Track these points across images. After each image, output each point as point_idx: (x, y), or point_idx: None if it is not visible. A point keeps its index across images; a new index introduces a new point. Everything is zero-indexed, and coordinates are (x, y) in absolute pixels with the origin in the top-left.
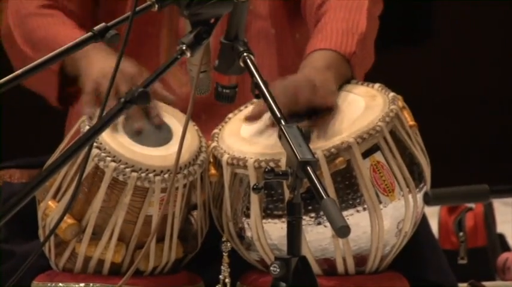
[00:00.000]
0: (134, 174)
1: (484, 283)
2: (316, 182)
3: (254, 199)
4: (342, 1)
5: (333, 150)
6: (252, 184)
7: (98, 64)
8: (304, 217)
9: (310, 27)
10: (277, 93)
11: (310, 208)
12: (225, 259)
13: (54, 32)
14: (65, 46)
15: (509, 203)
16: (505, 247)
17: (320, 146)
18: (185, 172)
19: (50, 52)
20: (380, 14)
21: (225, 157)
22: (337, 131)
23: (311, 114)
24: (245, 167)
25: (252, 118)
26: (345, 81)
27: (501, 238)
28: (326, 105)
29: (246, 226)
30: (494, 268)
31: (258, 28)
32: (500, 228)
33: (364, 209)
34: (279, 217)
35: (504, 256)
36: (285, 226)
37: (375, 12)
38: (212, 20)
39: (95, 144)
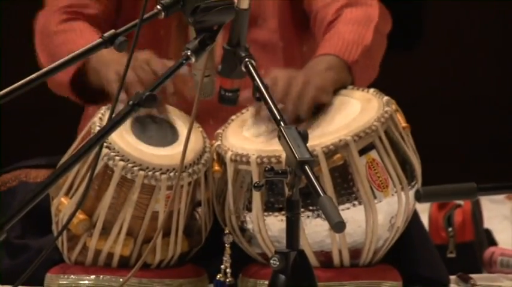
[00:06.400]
0: (142, 172)
1: (472, 276)
2: (313, 180)
3: (256, 193)
4: (352, 17)
5: (331, 147)
6: (254, 179)
7: (114, 61)
8: (303, 210)
9: (319, 41)
10: (271, 84)
11: (309, 201)
12: (227, 250)
13: (75, 47)
14: (75, 52)
15: (496, 200)
16: (491, 241)
17: (319, 143)
18: (190, 170)
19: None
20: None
21: (229, 154)
22: (335, 130)
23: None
24: (248, 163)
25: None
26: (342, 86)
27: (488, 233)
28: (319, 102)
29: (247, 219)
30: (481, 262)
31: (266, 41)
32: (487, 224)
33: (360, 203)
34: (279, 210)
35: (490, 250)
36: (285, 218)
37: (384, 29)
38: (215, 27)
39: (104, 144)
